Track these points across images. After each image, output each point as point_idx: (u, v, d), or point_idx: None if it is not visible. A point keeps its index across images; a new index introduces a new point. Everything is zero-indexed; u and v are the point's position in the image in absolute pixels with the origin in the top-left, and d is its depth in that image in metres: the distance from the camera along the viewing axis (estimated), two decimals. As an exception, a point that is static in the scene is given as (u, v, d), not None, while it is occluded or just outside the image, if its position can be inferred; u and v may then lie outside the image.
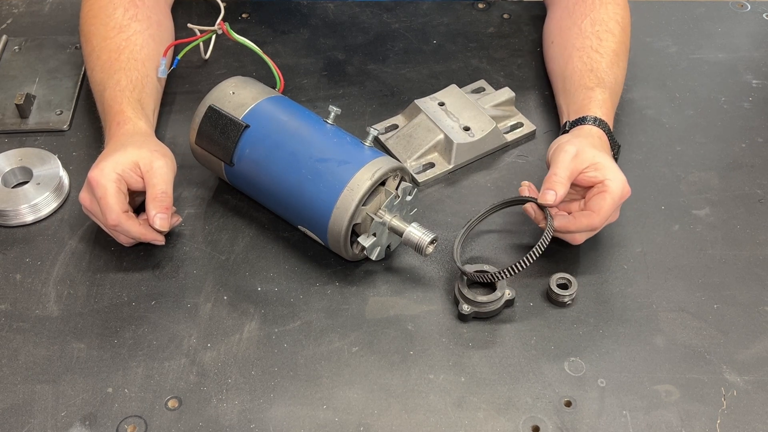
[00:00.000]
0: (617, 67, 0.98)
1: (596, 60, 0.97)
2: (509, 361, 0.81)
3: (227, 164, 0.88)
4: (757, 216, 0.93)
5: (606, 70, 0.97)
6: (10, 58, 1.11)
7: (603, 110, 0.93)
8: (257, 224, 0.92)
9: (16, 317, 0.84)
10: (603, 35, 0.99)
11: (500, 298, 0.83)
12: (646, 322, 0.84)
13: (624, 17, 1.02)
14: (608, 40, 0.99)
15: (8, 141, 1.01)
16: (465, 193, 0.96)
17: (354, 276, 0.88)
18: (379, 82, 1.09)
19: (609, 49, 0.98)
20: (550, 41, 1.06)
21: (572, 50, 1.00)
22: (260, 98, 0.89)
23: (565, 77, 0.99)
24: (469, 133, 0.97)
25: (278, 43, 1.14)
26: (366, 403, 0.78)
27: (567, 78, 0.99)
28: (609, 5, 1.02)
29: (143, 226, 0.85)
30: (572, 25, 1.02)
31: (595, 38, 0.99)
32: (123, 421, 0.76)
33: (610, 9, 1.01)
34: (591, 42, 0.99)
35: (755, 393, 0.78)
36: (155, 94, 0.98)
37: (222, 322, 0.84)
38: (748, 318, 0.84)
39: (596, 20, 1.00)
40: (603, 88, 0.95)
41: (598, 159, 0.85)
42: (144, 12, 1.01)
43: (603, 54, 0.98)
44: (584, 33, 1.00)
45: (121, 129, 0.90)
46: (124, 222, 0.84)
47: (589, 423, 0.76)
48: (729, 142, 1.01)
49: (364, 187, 0.81)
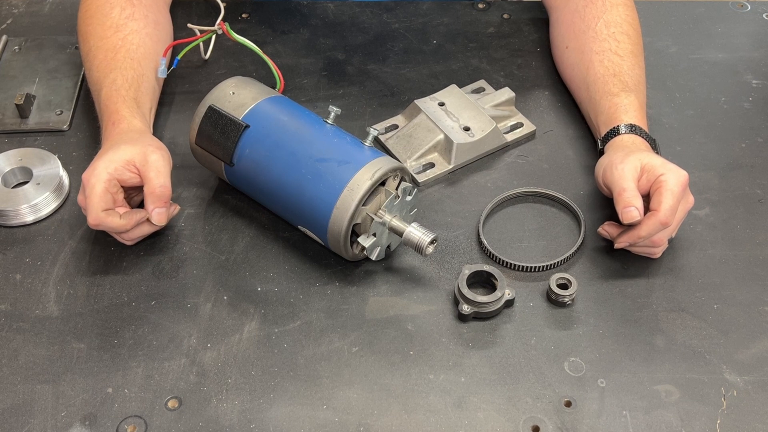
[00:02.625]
0: (638, 68, 0.98)
1: (617, 63, 0.97)
2: (509, 361, 0.81)
3: (227, 164, 0.88)
4: (757, 216, 0.93)
5: (628, 72, 0.97)
6: (10, 58, 1.11)
7: (631, 114, 0.92)
8: (257, 224, 0.92)
9: (16, 317, 0.84)
10: (619, 37, 0.99)
11: (500, 298, 0.83)
12: (646, 322, 0.84)
13: (634, 19, 1.02)
14: (625, 42, 0.99)
15: (8, 141, 1.01)
16: (465, 193, 0.96)
17: (354, 276, 0.88)
18: (379, 82, 1.09)
19: (627, 51, 0.98)
20: (564, 46, 1.05)
21: (591, 54, 0.99)
22: (260, 98, 0.89)
23: (588, 84, 0.98)
24: (469, 133, 0.98)
25: (278, 43, 1.14)
26: (366, 403, 0.78)
27: (590, 85, 0.98)
28: (619, 7, 1.02)
29: (125, 218, 0.84)
30: (586, 28, 1.02)
31: (612, 41, 0.99)
32: (123, 421, 0.76)
33: (621, 10, 1.02)
34: (609, 45, 0.99)
35: (755, 393, 0.78)
36: (152, 93, 0.98)
37: (222, 322, 0.84)
38: (748, 318, 0.84)
39: (610, 22, 1.00)
40: (628, 92, 0.94)
41: (645, 161, 0.84)
42: (141, 11, 1.01)
43: (623, 56, 0.98)
44: (600, 36, 1.00)
45: (116, 128, 0.90)
46: (104, 220, 0.83)
47: (589, 423, 0.76)
48: (729, 142, 1.01)
49: (364, 187, 0.81)
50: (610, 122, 0.93)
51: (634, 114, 0.92)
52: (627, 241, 0.85)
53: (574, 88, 1.04)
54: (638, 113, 0.93)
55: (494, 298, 0.82)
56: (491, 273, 0.84)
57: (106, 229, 0.85)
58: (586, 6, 1.03)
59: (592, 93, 0.98)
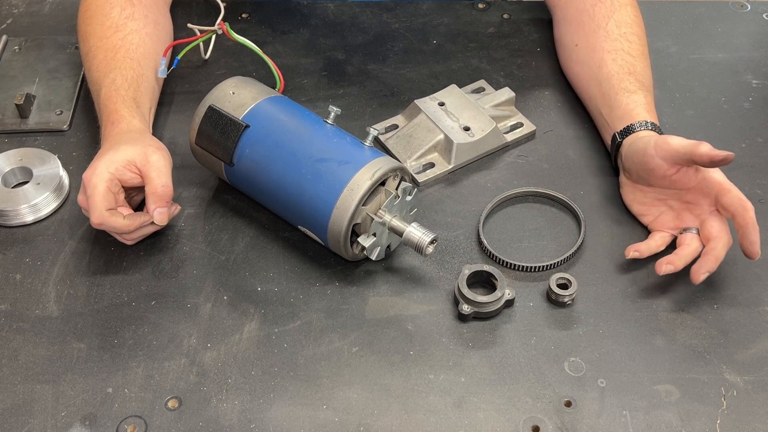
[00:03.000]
0: (649, 70, 0.99)
1: (631, 63, 0.97)
2: (509, 361, 0.81)
3: (227, 164, 0.88)
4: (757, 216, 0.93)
5: (642, 72, 0.97)
6: (10, 58, 1.11)
7: (650, 112, 0.93)
8: (257, 224, 0.92)
9: (16, 317, 0.84)
10: (630, 37, 1.00)
11: (500, 298, 0.83)
12: (646, 322, 0.84)
13: (641, 20, 1.03)
14: (636, 43, 0.99)
15: (8, 141, 1.01)
16: (465, 193, 0.96)
17: (354, 276, 0.88)
18: (379, 82, 1.09)
19: (638, 52, 0.99)
20: (574, 43, 1.05)
21: (603, 53, 0.99)
22: (260, 98, 0.89)
23: (601, 81, 0.98)
24: (469, 133, 0.98)
25: (278, 43, 1.14)
26: (366, 403, 0.78)
27: (603, 81, 0.98)
28: (627, 7, 1.02)
29: (128, 219, 0.85)
30: (597, 27, 1.01)
31: (624, 40, 0.99)
32: (123, 421, 0.76)
33: (629, 11, 1.02)
34: (621, 44, 0.99)
35: (755, 393, 0.78)
36: (151, 93, 0.98)
37: (222, 322, 0.84)
38: (748, 318, 0.84)
39: (621, 22, 1.01)
40: (645, 91, 0.95)
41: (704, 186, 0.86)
42: (141, 11, 1.01)
43: (635, 57, 0.98)
44: (612, 35, 1.00)
45: (116, 128, 0.90)
46: (107, 219, 0.83)
47: (589, 423, 0.76)
48: (729, 142, 1.01)
49: (364, 187, 0.81)
50: (628, 117, 0.93)
51: (652, 113, 0.93)
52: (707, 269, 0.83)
53: (583, 84, 1.03)
54: (654, 112, 0.94)
55: (494, 298, 0.82)
56: (491, 273, 0.84)
57: (109, 229, 0.85)
58: (594, 5, 1.03)
59: (605, 89, 0.97)
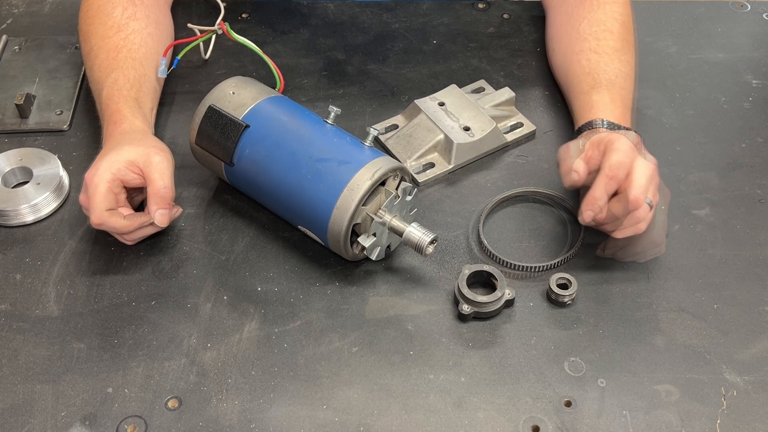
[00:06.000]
0: (618, 62, 0.97)
1: (594, 60, 0.97)
2: (509, 361, 0.81)
3: (227, 164, 0.88)
4: (757, 216, 0.93)
5: (604, 68, 0.96)
6: (10, 58, 1.11)
7: (600, 109, 0.92)
8: (257, 224, 0.92)
9: (16, 317, 0.84)
10: (601, 35, 0.99)
11: (500, 298, 0.83)
12: (646, 322, 0.84)
13: (623, 14, 1.01)
14: (607, 39, 0.99)
15: (8, 141, 1.01)
16: (465, 193, 0.96)
17: (354, 276, 0.88)
18: (379, 82, 1.09)
19: (608, 47, 0.98)
20: (553, 49, 1.06)
21: (572, 55, 1.00)
22: (260, 98, 0.89)
23: (568, 84, 1.00)
24: (469, 133, 0.98)
25: (278, 43, 1.14)
26: (366, 403, 0.78)
27: (569, 85, 0.99)
28: (607, 5, 1.01)
29: (128, 219, 0.85)
30: (571, 30, 1.02)
31: (593, 39, 0.99)
32: (123, 421, 0.76)
33: (608, 9, 1.01)
34: (589, 44, 0.99)
35: (755, 393, 0.78)
36: (153, 93, 0.98)
37: (222, 322, 0.84)
38: (748, 318, 0.84)
39: (594, 21, 1.00)
40: (599, 89, 0.94)
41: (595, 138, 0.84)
42: (142, 11, 1.01)
43: (601, 53, 0.98)
44: (582, 36, 1.00)
45: (118, 128, 0.90)
46: (107, 220, 0.83)
47: (589, 423, 0.76)
48: (729, 142, 1.01)
49: (364, 187, 0.81)
50: (579, 120, 0.93)
51: (603, 109, 0.91)
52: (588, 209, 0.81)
53: (561, 90, 1.04)
54: (609, 108, 0.92)
55: (494, 298, 0.82)
56: (491, 273, 0.84)
57: (109, 229, 0.85)
58: (575, 7, 1.03)
59: (568, 93, 0.99)
